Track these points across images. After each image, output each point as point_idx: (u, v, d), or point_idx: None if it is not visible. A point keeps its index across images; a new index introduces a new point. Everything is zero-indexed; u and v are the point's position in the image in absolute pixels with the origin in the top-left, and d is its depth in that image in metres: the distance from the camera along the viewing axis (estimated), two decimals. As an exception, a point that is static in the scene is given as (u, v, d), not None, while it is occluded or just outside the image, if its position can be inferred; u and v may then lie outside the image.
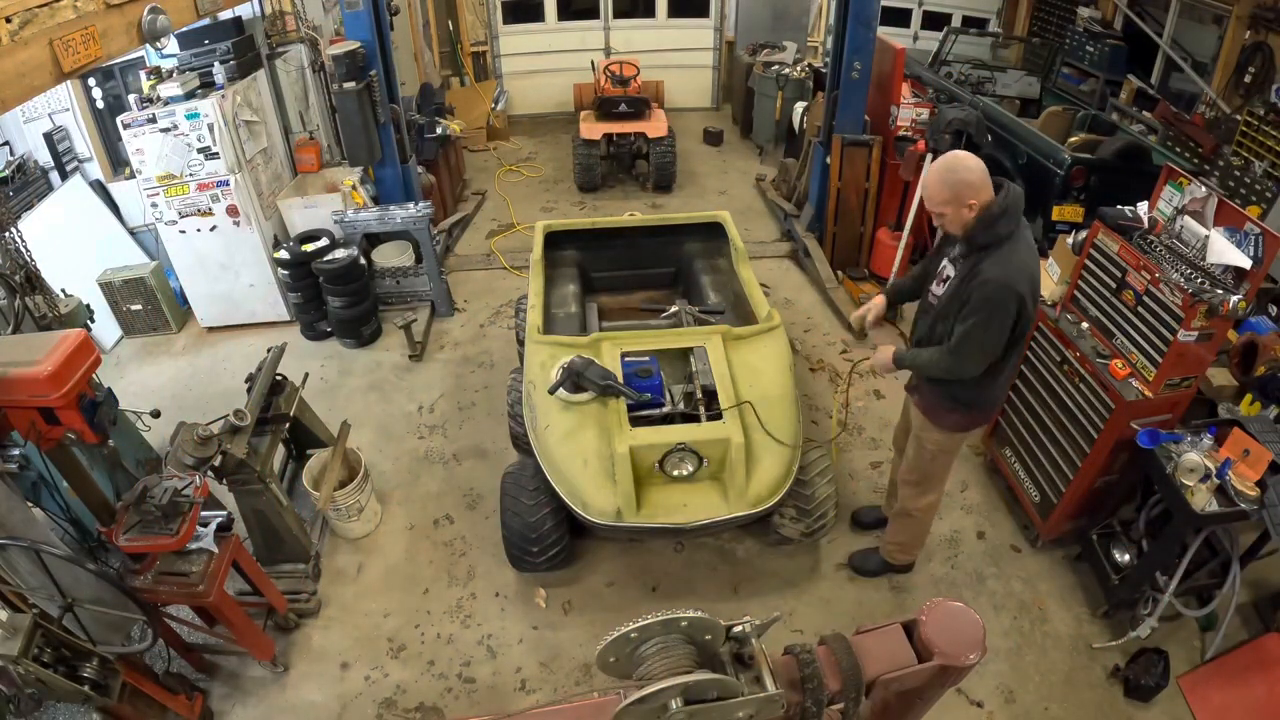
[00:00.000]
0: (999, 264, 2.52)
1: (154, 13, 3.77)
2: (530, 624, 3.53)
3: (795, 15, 9.51)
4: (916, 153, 5.22)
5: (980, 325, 2.56)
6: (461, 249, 6.85)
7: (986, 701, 3.17)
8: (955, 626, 1.21)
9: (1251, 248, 2.81)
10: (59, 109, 5.45)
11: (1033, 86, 7.49)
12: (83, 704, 2.51)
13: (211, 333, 5.66)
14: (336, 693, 3.26)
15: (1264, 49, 6.03)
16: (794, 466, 3.31)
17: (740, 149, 8.96)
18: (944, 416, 2.99)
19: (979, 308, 2.54)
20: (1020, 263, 2.53)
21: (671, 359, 3.66)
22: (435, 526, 4.04)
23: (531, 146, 9.08)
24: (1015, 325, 2.59)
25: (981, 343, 2.62)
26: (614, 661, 1.15)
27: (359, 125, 5.46)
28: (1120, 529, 3.44)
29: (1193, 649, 3.37)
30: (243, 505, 3.44)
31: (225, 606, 2.90)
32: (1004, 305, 2.51)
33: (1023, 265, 2.53)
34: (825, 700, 1.16)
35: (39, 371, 2.54)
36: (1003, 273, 2.50)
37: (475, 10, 9.43)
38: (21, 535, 2.57)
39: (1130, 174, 5.44)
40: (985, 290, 2.52)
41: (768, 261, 6.43)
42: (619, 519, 3.09)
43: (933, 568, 3.76)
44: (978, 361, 2.68)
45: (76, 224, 5.46)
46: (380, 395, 5.00)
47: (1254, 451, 2.94)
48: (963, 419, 2.98)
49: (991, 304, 2.52)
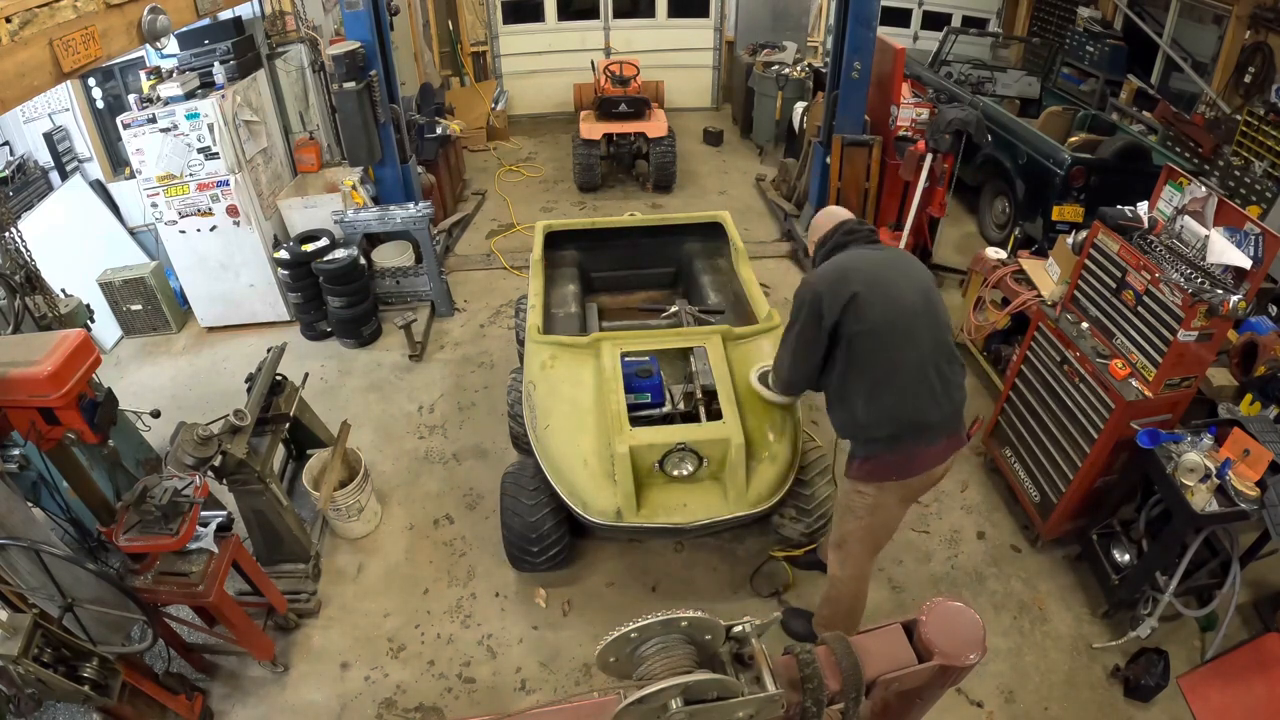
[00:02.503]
0: (809, 273, 2.65)
1: (154, 13, 3.76)
2: (530, 624, 3.53)
3: (795, 15, 9.51)
4: (916, 153, 5.23)
5: (788, 325, 2.65)
6: (461, 249, 6.85)
7: (986, 701, 3.17)
8: (955, 626, 1.21)
9: (1251, 248, 2.81)
10: (59, 109, 5.45)
11: (1033, 86, 7.50)
12: (83, 704, 2.51)
13: (211, 333, 5.66)
14: (336, 693, 3.26)
15: (1264, 49, 6.03)
16: (794, 466, 3.31)
17: (740, 149, 8.96)
18: (850, 461, 2.71)
19: (790, 311, 2.64)
20: (824, 267, 2.58)
21: (671, 359, 3.66)
22: (435, 526, 4.04)
23: (531, 146, 9.08)
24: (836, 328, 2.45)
25: (787, 339, 2.67)
26: (614, 661, 1.15)
27: (359, 125, 5.46)
28: (1120, 529, 3.44)
29: (1193, 649, 3.37)
30: (243, 505, 3.44)
31: (225, 606, 2.90)
32: (800, 299, 2.55)
33: (826, 268, 2.57)
34: (825, 700, 1.16)
35: (39, 371, 2.54)
36: (805, 276, 2.63)
37: (475, 10, 9.43)
38: (21, 535, 2.57)
39: (1130, 174, 5.45)
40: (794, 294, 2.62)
41: (768, 261, 6.43)
42: (619, 519, 3.08)
43: (933, 568, 3.76)
44: (787, 362, 2.71)
45: (76, 224, 5.46)
46: (380, 395, 5.00)
47: (1254, 451, 2.94)
48: (861, 463, 2.64)
49: (794, 301, 2.59)
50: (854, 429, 2.62)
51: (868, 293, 2.42)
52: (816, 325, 2.49)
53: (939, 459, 2.58)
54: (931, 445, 2.53)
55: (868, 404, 2.51)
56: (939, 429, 2.53)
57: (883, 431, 2.52)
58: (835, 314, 2.43)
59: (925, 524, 3.97)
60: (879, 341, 2.43)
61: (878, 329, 2.42)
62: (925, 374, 2.46)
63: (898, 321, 2.43)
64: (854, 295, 2.41)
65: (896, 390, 2.46)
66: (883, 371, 2.46)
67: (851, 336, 2.45)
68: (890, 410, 2.48)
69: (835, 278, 2.49)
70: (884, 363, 2.45)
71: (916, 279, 2.58)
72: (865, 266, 2.52)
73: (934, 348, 2.48)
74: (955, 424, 2.59)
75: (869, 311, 2.41)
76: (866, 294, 2.42)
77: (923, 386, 2.47)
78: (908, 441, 2.52)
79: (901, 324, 2.44)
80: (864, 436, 2.60)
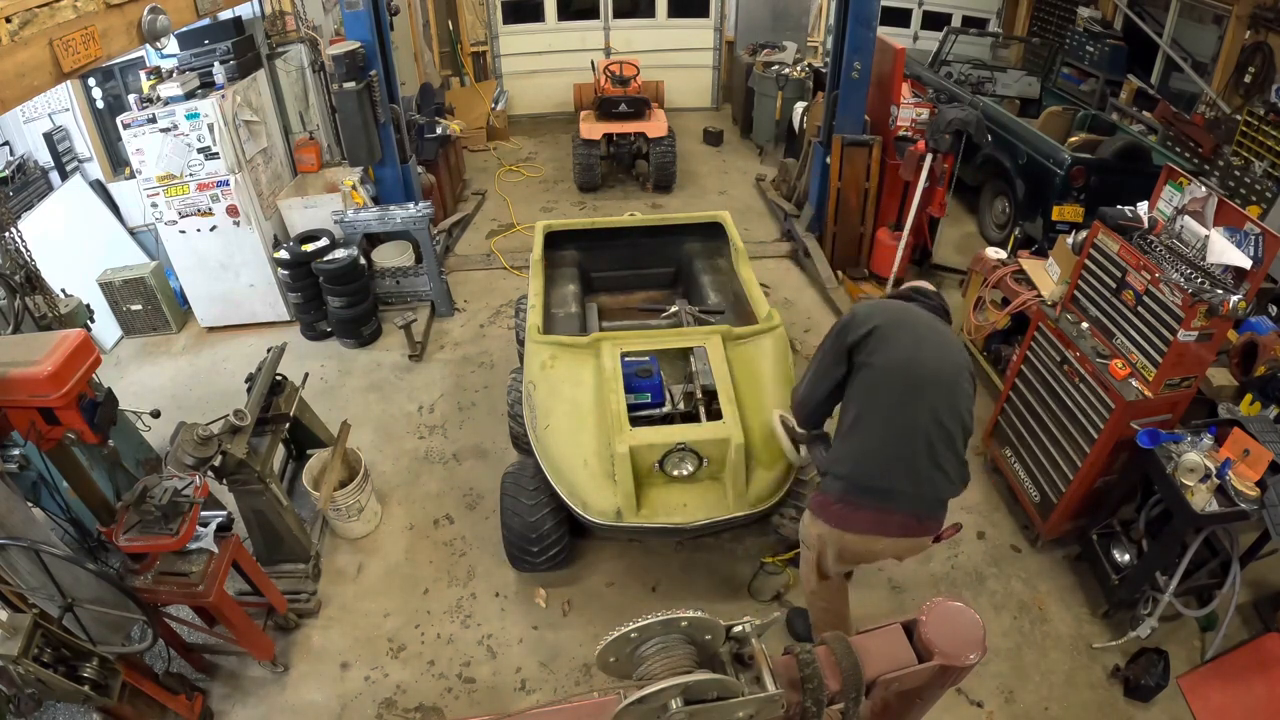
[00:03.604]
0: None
1: (154, 13, 3.76)
2: (530, 624, 3.53)
3: (795, 15, 9.52)
4: (916, 153, 5.23)
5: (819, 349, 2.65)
6: (461, 249, 6.85)
7: (986, 701, 3.17)
8: (955, 626, 1.21)
9: (1251, 248, 2.81)
10: (59, 109, 5.45)
11: (1033, 86, 7.50)
12: (83, 704, 2.51)
13: (211, 333, 5.66)
14: (336, 693, 3.26)
15: (1264, 49, 6.03)
16: (794, 466, 3.31)
17: (740, 149, 8.96)
18: (814, 493, 2.64)
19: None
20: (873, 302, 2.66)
21: (671, 359, 3.66)
22: (435, 526, 4.04)
23: (531, 146, 9.08)
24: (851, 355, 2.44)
25: (813, 359, 2.65)
26: (614, 661, 1.15)
27: (359, 125, 5.46)
28: (1120, 529, 3.44)
29: (1193, 649, 3.37)
30: (243, 505, 3.44)
31: (225, 606, 2.90)
32: (835, 324, 2.56)
33: (872, 303, 2.61)
34: (825, 700, 1.15)
35: (39, 371, 2.54)
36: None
37: (475, 10, 9.44)
38: (21, 535, 2.57)
39: (1130, 174, 5.45)
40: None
41: (768, 261, 6.43)
42: (619, 519, 3.08)
43: (933, 567, 3.76)
44: (805, 380, 2.68)
45: (76, 224, 5.46)
46: (380, 395, 5.00)
47: (1254, 451, 2.94)
48: (819, 499, 2.55)
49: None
50: (827, 464, 2.57)
51: (890, 332, 2.39)
52: (836, 344, 2.50)
53: (886, 531, 2.41)
54: (883, 514, 2.38)
55: (843, 441, 2.47)
56: (901, 503, 2.37)
57: (841, 470, 2.43)
58: (857, 335, 2.42)
59: (925, 524, 3.97)
60: (882, 382, 2.37)
61: (887, 370, 2.36)
62: (912, 441, 2.32)
63: (910, 374, 2.35)
64: (875, 328, 2.40)
65: (874, 439, 2.36)
66: (871, 414, 2.38)
67: (860, 367, 2.42)
68: (858, 455, 2.38)
69: (870, 310, 2.51)
70: (877, 406, 2.37)
71: (953, 351, 2.48)
72: (905, 316, 2.50)
73: (934, 420, 2.34)
74: (922, 508, 2.41)
75: (886, 350, 2.37)
76: (887, 332, 2.40)
77: (903, 450, 2.33)
78: (858, 496, 2.39)
79: (912, 378, 2.35)
80: (825, 471, 2.55)
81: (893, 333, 2.38)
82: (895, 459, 2.34)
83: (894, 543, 2.46)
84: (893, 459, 2.34)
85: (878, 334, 2.37)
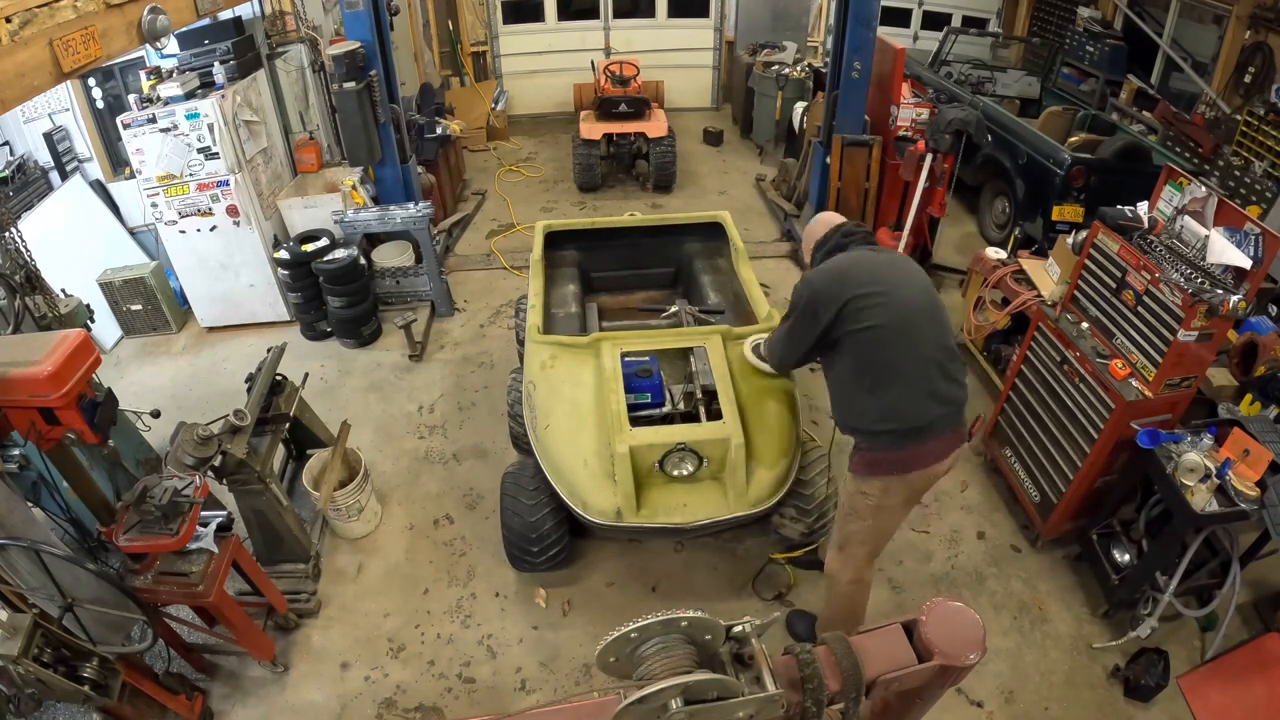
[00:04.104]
0: (810, 269, 2.73)
1: (154, 13, 3.76)
2: (530, 624, 3.53)
3: (795, 15, 9.52)
4: (916, 153, 5.23)
5: (786, 316, 2.74)
6: (461, 249, 6.85)
7: (986, 701, 3.17)
8: (955, 626, 1.21)
9: (1251, 248, 2.81)
10: (59, 109, 5.45)
11: (1033, 86, 7.50)
12: (83, 704, 2.51)
13: (211, 333, 5.66)
14: (336, 693, 3.26)
15: (1264, 49, 6.03)
16: (794, 467, 3.31)
17: (740, 149, 8.96)
18: (851, 457, 2.71)
19: (790, 303, 2.70)
20: (824, 266, 2.64)
21: (671, 359, 3.66)
22: (435, 526, 4.04)
23: (531, 146, 9.08)
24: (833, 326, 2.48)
25: (783, 326, 2.76)
26: (614, 661, 1.15)
27: (359, 125, 5.46)
28: (1120, 529, 3.44)
29: (1193, 649, 3.37)
30: (243, 505, 3.44)
31: (225, 606, 2.90)
32: (798, 293, 2.60)
33: (826, 267, 2.63)
34: (825, 700, 1.16)
35: (39, 371, 2.54)
36: (805, 273, 2.69)
37: (475, 10, 9.44)
38: (21, 535, 2.57)
39: (1130, 174, 5.45)
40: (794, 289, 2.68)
41: (768, 261, 6.43)
42: (619, 519, 3.08)
43: (933, 567, 3.76)
44: (779, 347, 2.84)
45: (76, 224, 5.46)
46: (380, 395, 5.00)
47: (1254, 451, 2.94)
48: (862, 457, 2.64)
49: (793, 296, 2.65)
50: (857, 425, 2.63)
51: (869, 294, 2.45)
52: (810, 322, 2.55)
53: (940, 455, 2.59)
54: (933, 442, 2.54)
55: (871, 401, 2.52)
56: (941, 426, 2.53)
57: (885, 427, 2.52)
58: (831, 314, 2.47)
59: (925, 524, 3.97)
60: (882, 340, 2.45)
61: (881, 328, 2.43)
62: (927, 372, 2.47)
63: (901, 321, 2.45)
64: (853, 297, 2.44)
65: (899, 388, 2.47)
66: (886, 370, 2.47)
67: (853, 336, 2.47)
68: (893, 408, 2.49)
69: (833, 278, 2.54)
70: (887, 361, 2.47)
71: (917, 279, 2.61)
72: (865, 268, 2.55)
73: (936, 346, 2.50)
74: (957, 421, 2.60)
75: (871, 312, 2.43)
76: (867, 295, 2.44)
77: (925, 384, 2.47)
78: (910, 439, 2.52)
79: (904, 323, 2.46)
80: (867, 432, 2.60)
81: (867, 294, 2.45)
82: (923, 394, 2.48)
83: (948, 461, 2.64)
84: (922, 395, 2.48)
85: (854, 303, 2.44)
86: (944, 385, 2.50)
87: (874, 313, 2.44)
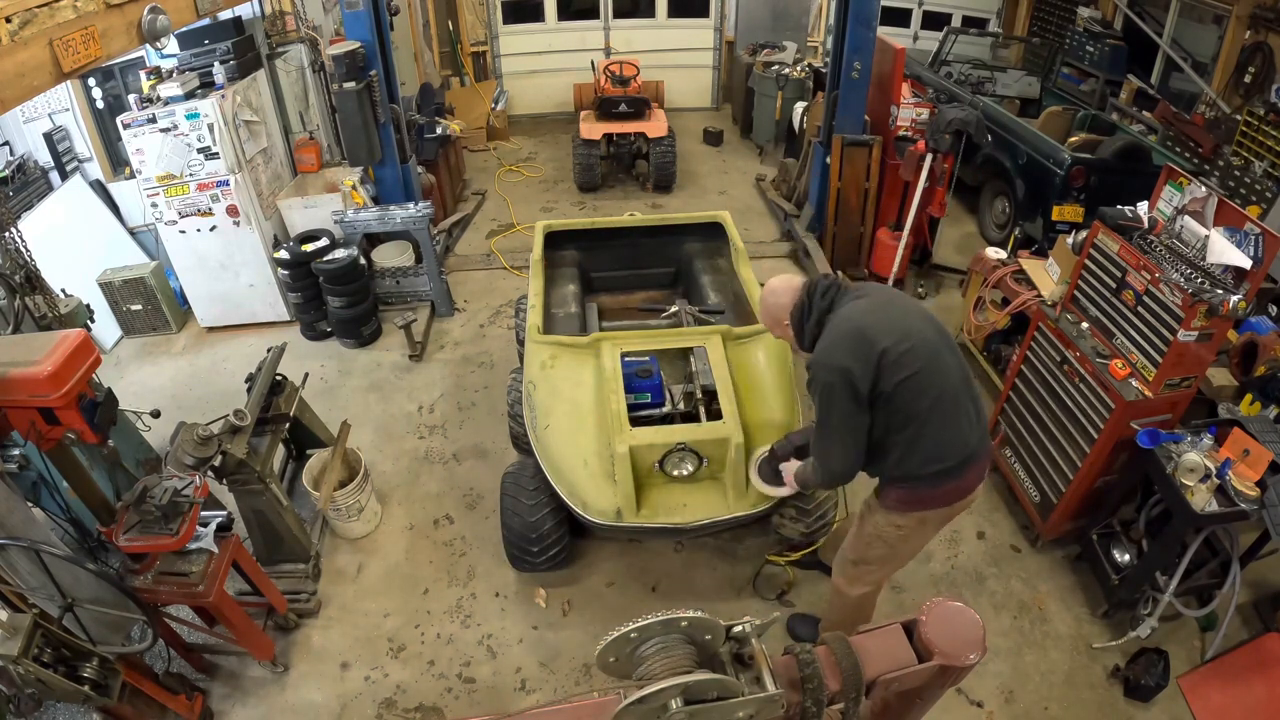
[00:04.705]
0: (817, 352, 2.43)
1: (154, 13, 3.76)
2: (530, 624, 3.53)
3: (795, 15, 9.52)
4: (916, 153, 5.23)
5: (821, 415, 2.42)
6: (461, 249, 6.85)
7: (986, 701, 3.17)
8: (955, 626, 1.21)
9: (1251, 248, 2.81)
10: (59, 109, 5.45)
11: (1033, 86, 7.50)
12: (83, 704, 2.51)
13: (211, 333, 5.66)
14: (336, 693, 3.26)
15: (1264, 49, 6.03)
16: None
17: (740, 149, 8.96)
18: (885, 491, 2.61)
19: (815, 399, 2.42)
20: (832, 338, 2.38)
21: (671, 359, 3.66)
22: (435, 526, 4.04)
23: (531, 146, 9.08)
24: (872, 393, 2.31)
25: (829, 431, 2.44)
26: (614, 661, 1.15)
27: (359, 125, 5.46)
28: (1120, 529, 3.44)
29: (1193, 649, 3.37)
30: (243, 505, 3.44)
31: (225, 606, 2.90)
32: (828, 384, 2.33)
33: (835, 339, 2.37)
34: (825, 700, 1.16)
35: (39, 371, 2.54)
36: (816, 357, 2.40)
37: (475, 10, 9.44)
38: (21, 535, 2.57)
39: (1130, 174, 5.45)
40: (810, 382, 2.42)
41: (768, 261, 6.43)
42: (619, 519, 3.08)
43: (933, 568, 3.76)
44: (838, 453, 2.45)
45: (76, 224, 5.46)
46: (380, 395, 5.00)
47: (1254, 451, 2.94)
48: (901, 495, 2.55)
49: (817, 388, 2.38)
50: (899, 475, 2.49)
51: (896, 345, 2.29)
52: (854, 405, 2.33)
53: (979, 479, 2.57)
54: (973, 470, 2.51)
55: (912, 449, 2.40)
56: (978, 452, 2.49)
57: (933, 469, 2.43)
58: (870, 379, 2.29)
59: (925, 524, 3.97)
60: (922, 386, 2.33)
61: (918, 374, 2.32)
62: (960, 402, 2.41)
63: (929, 360, 2.35)
64: (882, 352, 2.29)
65: (937, 428, 2.38)
66: (925, 414, 2.36)
67: (892, 392, 2.33)
68: (936, 450, 2.40)
69: (853, 345, 2.32)
70: (925, 406, 2.35)
71: (919, 310, 2.51)
72: (874, 318, 2.37)
73: (959, 375, 2.43)
74: (987, 440, 2.57)
75: (904, 361, 2.30)
76: (893, 345, 2.29)
77: (961, 416, 2.41)
78: (955, 474, 2.46)
79: (934, 361, 2.35)
80: (913, 477, 2.47)
81: (893, 344, 2.31)
82: (960, 428, 2.44)
83: (980, 486, 2.61)
84: (960, 430, 2.44)
85: (885, 358, 2.30)
86: (973, 414, 2.46)
87: (908, 360, 2.29)
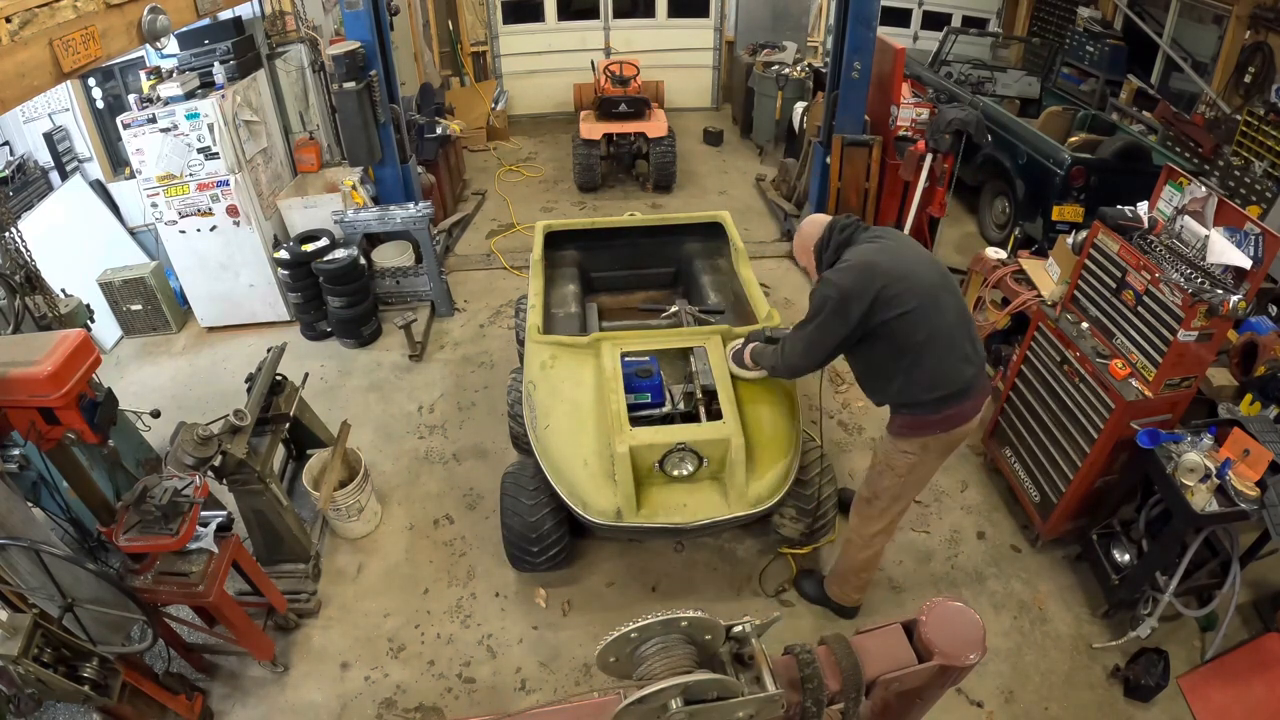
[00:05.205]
0: (828, 272, 2.71)
1: (154, 13, 3.76)
2: (530, 624, 3.53)
3: (795, 15, 9.51)
4: (916, 153, 5.23)
5: (807, 317, 2.74)
6: (461, 249, 6.85)
7: (986, 701, 3.17)
8: (955, 626, 1.21)
9: (1251, 248, 2.81)
10: (59, 109, 5.45)
11: (1033, 86, 7.50)
12: (83, 704, 2.51)
13: (211, 333, 5.66)
14: (336, 693, 3.26)
15: (1264, 49, 6.04)
16: (794, 467, 3.31)
17: (740, 149, 8.96)
18: (892, 419, 2.86)
19: (810, 304, 2.72)
20: (844, 265, 2.65)
21: (671, 359, 3.66)
22: (435, 526, 4.04)
23: (531, 146, 9.08)
24: (869, 322, 2.57)
25: (805, 332, 2.75)
26: (614, 661, 1.15)
27: (359, 125, 5.46)
28: (1120, 529, 3.44)
29: (1193, 649, 3.37)
30: (243, 505, 3.44)
31: (225, 606, 2.90)
32: (825, 296, 2.63)
33: (845, 267, 2.64)
34: (825, 700, 1.16)
35: (39, 371, 2.54)
36: (825, 274, 2.69)
37: (475, 10, 9.44)
38: (21, 535, 2.57)
39: (1130, 174, 5.45)
40: (813, 291, 2.71)
41: (768, 261, 6.43)
42: (619, 519, 3.08)
43: (933, 567, 3.76)
44: (801, 350, 2.80)
45: (76, 224, 5.46)
46: (380, 395, 5.00)
47: (1254, 451, 2.94)
48: (906, 421, 2.80)
49: (816, 296, 2.68)
50: (899, 400, 2.77)
51: (896, 281, 2.54)
52: (840, 321, 2.60)
53: (976, 411, 2.78)
54: (970, 400, 2.73)
55: (910, 378, 2.66)
56: (974, 384, 2.71)
57: (930, 395, 2.68)
58: (863, 308, 2.55)
59: (925, 524, 3.97)
60: (917, 322, 2.56)
61: (913, 311, 2.55)
62: (956, 339, 2.63)
63: (926, 300, 2.57)
64: (882, 287, 2.53)
65: (935, 360, 2.62)
66: (921, 347, 2.60)
67: (888, 324, 2.57)
68: (932, 379, 2.65)
69: (859, 273, 2.59)
70: (921, 340, 2.59)
71: (925, 255, 2.76)
72: (884, 256, 2.63)
73: (957, 314, 2.65)
74: (985, 377, 2.81)
75: (902, 299, 2.54)
76: (894, 283, 2.54)
77: (957, 351, 2.63)
78: (952, 401, 2.69)
79: (931, 301, 2.58)
80: (911, 403, 2.74)
81: (894, 282, 2.54)
82: (957, 360, 2.66)
83: (980, 415, 2.82)
84: (957, 361, 2.66)
85: (884, 293, 2.53)
86: (970, 348, 2.68)
87: (904, 298, 2.54)
